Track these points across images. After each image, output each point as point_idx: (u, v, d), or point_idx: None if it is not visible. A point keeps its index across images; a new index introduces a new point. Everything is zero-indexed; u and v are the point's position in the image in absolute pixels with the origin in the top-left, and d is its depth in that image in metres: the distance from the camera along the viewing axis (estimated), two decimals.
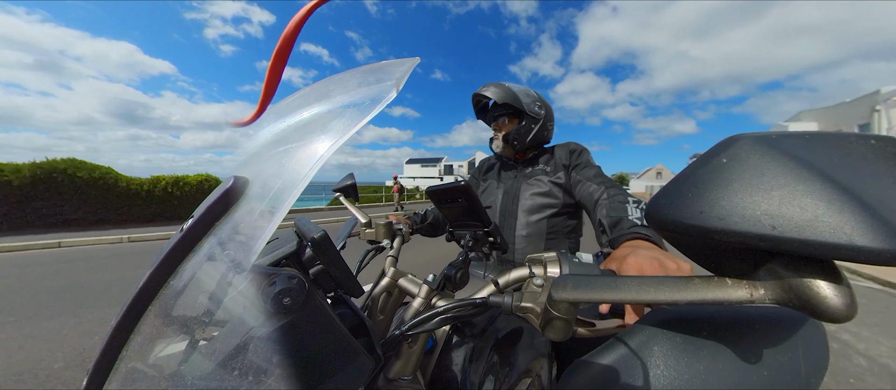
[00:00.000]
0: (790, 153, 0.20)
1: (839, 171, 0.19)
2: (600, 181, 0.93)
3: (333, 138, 0.33)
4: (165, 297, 0.28)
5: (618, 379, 0.34)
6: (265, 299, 0.32)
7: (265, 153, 0.39)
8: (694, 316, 0.35)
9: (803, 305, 0.20)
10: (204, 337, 0.29)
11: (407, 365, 0.51)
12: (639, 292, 0.26)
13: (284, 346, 0.32)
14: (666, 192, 0.25)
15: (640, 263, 0.45)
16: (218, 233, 0.31)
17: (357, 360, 0.38)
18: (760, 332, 0.33)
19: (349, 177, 1.00)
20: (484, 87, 1.15)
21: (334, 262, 0.39)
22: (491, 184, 1.24)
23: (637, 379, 0.33)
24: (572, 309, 0.32)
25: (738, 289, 0.22)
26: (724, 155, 0.22)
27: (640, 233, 0.58)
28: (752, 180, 0.20)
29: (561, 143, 1.19)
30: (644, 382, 0.33)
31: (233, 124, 0.45)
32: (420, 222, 1.22)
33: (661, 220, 0.24)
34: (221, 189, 0.34)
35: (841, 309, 0.19)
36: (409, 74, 0.40)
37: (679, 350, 0.33)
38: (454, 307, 0.42)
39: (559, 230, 1.09)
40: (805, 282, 0.20)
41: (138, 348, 0.27)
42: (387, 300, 0.63)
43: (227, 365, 0.29)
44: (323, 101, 0.40)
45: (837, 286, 0.19)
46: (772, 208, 0.19)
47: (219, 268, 0.31)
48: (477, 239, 0.57)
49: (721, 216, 0.21)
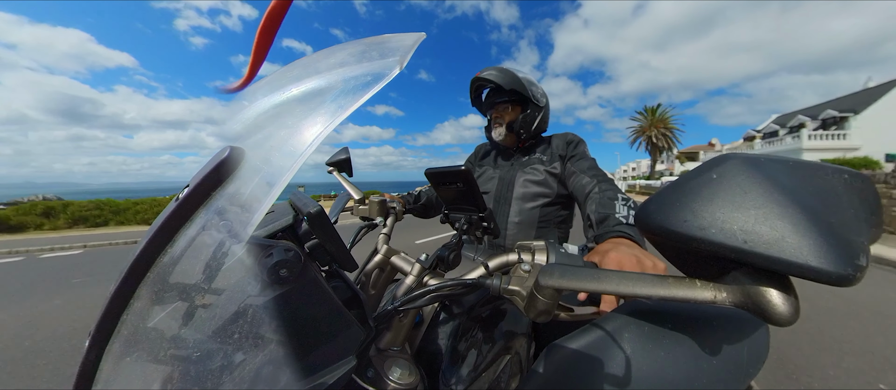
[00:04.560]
0: (773, 178, 0.22)
1: (811, 199, 0.22)
2: (593, 174, 0.94)
3: (334, 113, 0.32)
4: (163, 264, 0.28)
5: (591, 360, 0.38)
6: (262, 270, 0.32)
7: (262, 124, 0.38)
8: (661, 309, 0.40)
9: (757, 310, 0.22)
10: (203, 303, 0.30)
11: (397, 337, 0.53)
12: (618, 285, 0.28)
13: (281, 315, 0.33)
14: (657, 198, 0.27)
15: (620, 259, 0.48)
16: (214, 204, 0.31)
17: (349, 330, 0.39)
18: (715, 328, 0.38)
19: (343, 150, 0.98)
20: (486, 71, 1.09)
21: (329, 237, 0.40)
22: (487, 171, 1.23)
23: (608, 360, 0.38)
24: (556, 295, 0.34)
25: (704, 291, 0.25)
26: (715, 171, 0.24)
27: (624, 232, 0.60)
28: (736, 198, 0.23)
29: (559, 133, 1.17)
30: (614, 363, 0.37)
31: (221, 89, 0.44)
32: (413, 202, 1.22)
33: (648, 223, 0.26)
34: (217, 159, 0.33)
35: (787, 316, 0.21)
36: (414, 50, 0.38)
37: (646, 337, 0.38)
38: (446, 286, 0.44)
39: (551, 219, 1.10)
40: (762, 290, 0.22)
41: (139, 311, 0.27)
42: (379, 276, 0.64)
43: (226, 330, 0.30)
44: (323, 73, 0.39)
45: (788, 297, 0.22)
46: (747, 225, 0.22)
47: (216, 237, 0.31)
48: (471, 223, 0.58)
49: (702, 226, 0.23)
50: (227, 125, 0.42)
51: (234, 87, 0.42)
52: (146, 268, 0.28)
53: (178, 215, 0.30)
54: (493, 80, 1.06)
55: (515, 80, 1.05)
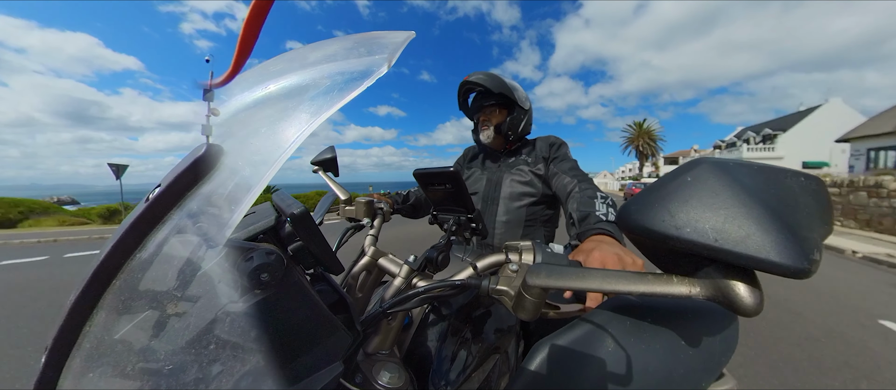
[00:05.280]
0: (740, 180, 0.25)
1: (772, 200, 0.24)
2: (574, 175, 0.98)
3: (319, 110, 0.31)
4: (131, 270, 0.26)
5: (577, 355, 0.40)
6: (242, 274, 0.30)
7: (244, 120, 0.36)
8: (642, 304, 0.43)
9: (726, 302, 0.24)
10: (176, 311, 0.28)
11: (385, 341, 0.52)
12: (602, 282, 0.30)
13: (262, 321, 0.31)
14: (638, 200, 0.29)
15: (603, 257, 0.50)
16: (188, 204, 0.29)
17: (336, 335, 0.38)
18: (691, 321, 0.42)
19: (329, 150, 0.96)
20: (474, 75, 1.12)
21: (314, 239, 0.38)
22: (476, 173, 1.26)
23: (594, 355, 0.40)
24: (544, 294, 0.35)
25: (680, 286, 0.27)
26: (689, 174, 0.26)
27: (604, 230, 0.64)
28: (708, 199, 0.25)
29: (542, 136, 1.22)
30: (599, 357, 0.39)
31: (202, 85, 0.41)
32: (401, 202, 1.21)
33: (629, 223, 0.28)
34: (192, 156, 0.31)
35: (753, 307, 0.24)
36: (403, 49, 0.38)
37: (628, 332, 0.40)
38: (435, 287, 0.43)
39: (537, 218, 1.13)
40: (730, 284, 0.24)
41: (103, 323, 0.25)
42: (367, 278, 0.63)
43: (201, 340, 0.28)
44: (308, 69, 0.38)
45: (753, 289, 0.24)
46: (718, 224, 0.24)
47: (190, 240, 0.29)
48: (460, 224, 0.58)
49: (678, 225, 0.25)
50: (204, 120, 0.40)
51: (217, 83, 0.39)
52: (112, 275, 0.25)
53: (149, 217, 0.27)
54: (482, 84, 1.09)
55: (502, 84, 1.09)
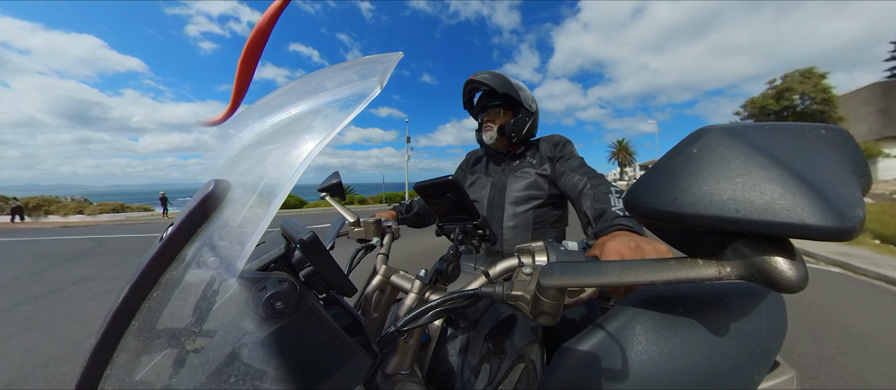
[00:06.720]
0: (752, 143, 0.22)
1: (794, 159, 0.21)
2: (584, 172, 0.94)
3: (318, 137, 0.32)
4: (148, 310, 0.27)
5: (606, 357, 0.37)
6: (256, 305, 0.31)
7: (246, 155, 0.38)
8: (670, 295, 0.38)
9: (764, 279, 0.21)
10: (195, 347, 0.28)
11: (404, 360, 0.51)
12: (621, 275, 0.27)
13: (279, 350, 0.31)
14: (643, 182, 0.26)
15: (619, 248, 0.46)
16: (200, 241, 0.30)
17: (354, 359, 0.37)
18: (728, 306, 0.36)
19: (334, 175, 0.98)
20: (480, 74, 1.10)
21: (325, 263, 0.38)
22: (479, 178, 1.23)
23: (623, 355, 0.36)
24: (560, 294, 0.33)
25: (707, 268, 0.24)
26: (695, 146, 0.24)
27: (623, 225, 0.59)
28: (719, 169, 0.22)
29: (545, 136, 1.20)
30: (629, 357, 0.36)
31: (203, 123, 0.43)
32: (405, 212, 1.21)
33: (638, 208, 0.25)
34: (201, 194, 0.32)
35: (795, 281, 0.20)
36: (393, 70, 0.39)
37: (657, 327, 0.36)
38: (447, 300, 0.43)
39: (545, 220, 1.10)
40: (765, 258, 0.21)
41: (123, 364, 0.26)
42: (380, 297, 0.62)
43: (220, 374, 0.28)
44: (304, 99, 0.39)
45: (792, 261, 0.21)
46: (736, 194, 0.21)
47: (204, 276, 0.30)
48: (466, 232, 0.57)
49: (692, 202, 0.22)
50: (211, 158, 0.42)
51: (218, 119, 0.41)
52: (130, 316, 0.26)
53: (163, 255, 0.28)
54: (487, 83, 1.07)
55: (508, 85, 1.07)
